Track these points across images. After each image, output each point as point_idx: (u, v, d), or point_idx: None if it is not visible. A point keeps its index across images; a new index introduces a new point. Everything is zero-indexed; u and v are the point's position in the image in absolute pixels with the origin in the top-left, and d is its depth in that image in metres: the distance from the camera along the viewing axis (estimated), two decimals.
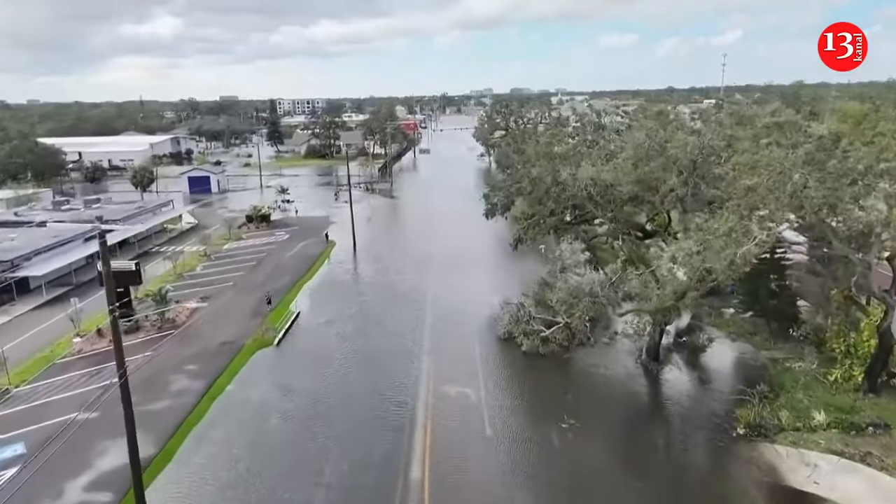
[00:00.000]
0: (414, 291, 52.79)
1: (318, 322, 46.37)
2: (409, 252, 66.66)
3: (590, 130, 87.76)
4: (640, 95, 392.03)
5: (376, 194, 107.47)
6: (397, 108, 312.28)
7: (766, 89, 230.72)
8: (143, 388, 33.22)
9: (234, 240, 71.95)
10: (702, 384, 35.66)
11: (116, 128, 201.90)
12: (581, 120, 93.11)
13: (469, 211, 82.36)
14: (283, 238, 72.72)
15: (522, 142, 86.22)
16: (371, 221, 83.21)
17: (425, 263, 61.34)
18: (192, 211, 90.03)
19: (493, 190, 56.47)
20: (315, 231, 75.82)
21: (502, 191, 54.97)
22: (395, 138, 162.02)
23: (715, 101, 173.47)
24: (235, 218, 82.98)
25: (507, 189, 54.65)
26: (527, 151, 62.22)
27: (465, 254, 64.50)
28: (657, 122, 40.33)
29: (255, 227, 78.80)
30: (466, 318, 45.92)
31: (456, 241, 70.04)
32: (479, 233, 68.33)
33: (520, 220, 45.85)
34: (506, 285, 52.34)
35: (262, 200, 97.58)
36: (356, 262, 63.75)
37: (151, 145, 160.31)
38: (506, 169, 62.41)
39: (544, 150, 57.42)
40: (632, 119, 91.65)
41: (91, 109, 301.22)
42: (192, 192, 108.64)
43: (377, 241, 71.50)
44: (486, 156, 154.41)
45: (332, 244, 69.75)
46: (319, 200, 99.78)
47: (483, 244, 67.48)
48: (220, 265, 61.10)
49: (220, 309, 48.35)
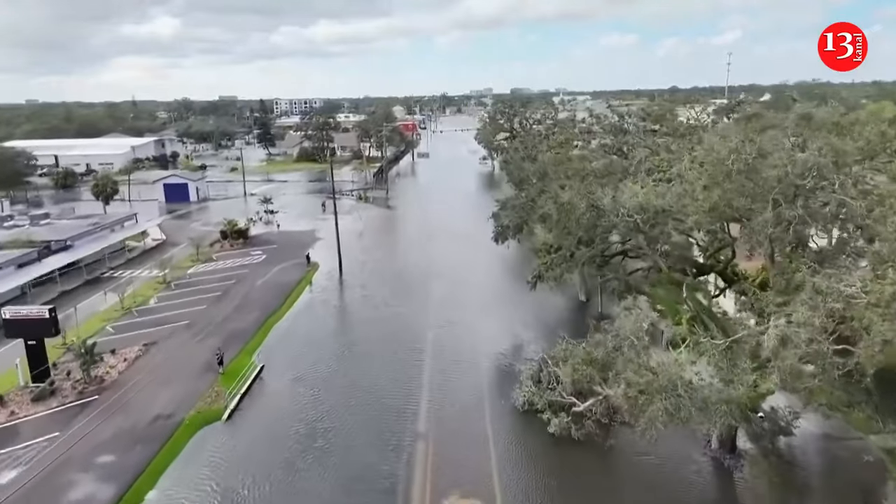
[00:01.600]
0: (409, 334, 43.21)
1: (285, 380, 36.77)
2: (405, 279, 57.05)
3: (611, 134, 78.35)
4: (643, 95, 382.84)
5: (370, 203, 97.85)
6: (396, 109, 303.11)
7: (779, 88, 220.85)
8: (29, 498, 23.69)
9: (203, 261, 62.32)
10: (799, 493, 26.11)
11: (101, 129, 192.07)
12: (601, 122, 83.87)
13: (474, 225, 73.04)
14: (258, 259, 63.06)
15: (532, 147, 76.80)
16: (362, 238, 73.61)
17: (424, 294, 51.75)
18: (162, 224, 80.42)
19: (503, 209, 46.94)
20: (297, 250, 66.19)
21: (514, 210, 45.45)
22: (391, 141, 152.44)
23: (731, 100, 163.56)
24: (210, 233, 73.47)
25: (519, 209, 45.14)
26: (540, 160, 52.82)
27: (471, 282, 54.87)
28: (744, 128, 30.67)
29: (229, 244, 69.18)
30: (474, 376, 36.38)
31: (460, 264, 60.43)
32: (487, 254, 58.83)
33: (540, 254, 36.16)
34: (521, 327, 42.78)
35: (245, 210, 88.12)
36: (341, 293, 54.16)
37: (133, 148, 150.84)
38: (518, 184, 52.57)
39: (560, 159, 48.09)
40: (655, 122, 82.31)
41: (81, 109, 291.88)
42: (169, 201, 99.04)
43: (368, 265, 61.87)
44: (488, 159, 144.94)
45: (315, 267, 60.12)
46: (307, 210, 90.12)
47: (491, 269, 57.93)
48: (179, 296, 51.49)
49: (166, 361, 38.74)
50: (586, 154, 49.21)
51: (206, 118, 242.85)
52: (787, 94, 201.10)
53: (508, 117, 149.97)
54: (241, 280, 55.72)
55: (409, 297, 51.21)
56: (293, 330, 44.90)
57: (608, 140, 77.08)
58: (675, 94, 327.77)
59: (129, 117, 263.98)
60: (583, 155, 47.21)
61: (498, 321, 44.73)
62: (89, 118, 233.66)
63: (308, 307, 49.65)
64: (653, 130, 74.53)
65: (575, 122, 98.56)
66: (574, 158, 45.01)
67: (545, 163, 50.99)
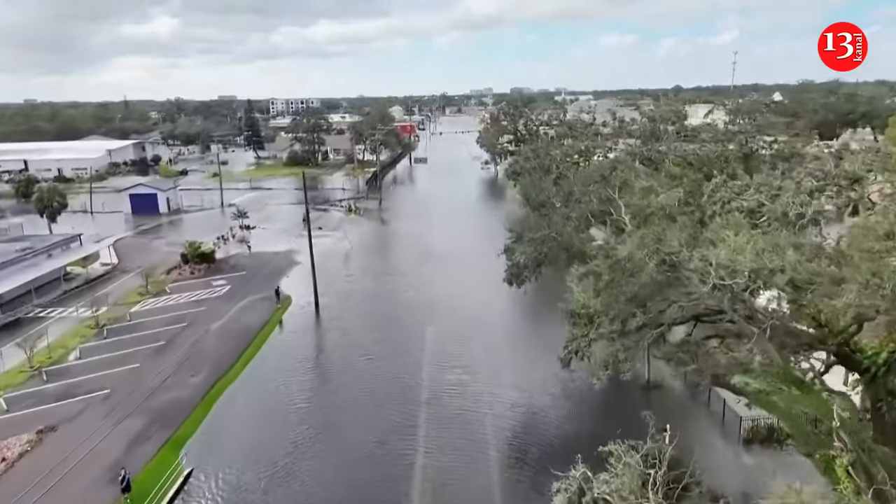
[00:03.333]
0: (397, 408, 32.75)
1: (221, 491, 26.33)
2: (397, 321, 46.55)
3: (640, 139, 67.66)
4: (646, 95, 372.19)
5: (361, 216, 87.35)
6: (394, 109, 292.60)
7: (802, 87, 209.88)
8: None
9: (153, 295, 51.82)
10: None
11: (81, 131, 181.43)
12: (627, 126, 73.17)
13: (479, 245, 62.72)
14: (220, 291, 52.54)
15: (545, 155, 66.32)
16: (348, 262, 63.10)
17: (418, 344, 41.25)
18: (118, 244, 69.90)
19: (517, 241, 36.42)
20: (269, 278, 55.75)
21: (533, 245, 34.94)
22: (387, 144, 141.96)
23: (746, 100, 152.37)
24: (172, 255, 63.09)
25: (539, 243, 34.66)
26: (563, 175, 42.42)
27: (478, 328, 44.27)
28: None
29: (190, 270, 58.66)
30: (482, 486, 25.97)
31: (464, 302, 49.84)
32: (495, 288, 48.32)
33: (578, 321, 25.44)
34: (550, 410, 32.37)
35: (221, 224, 77.63)
36: (316, 341, 43.69)
37: (109, 152, 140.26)
38: (537, 207, 41.76)
39: (590, 176, 37.65)
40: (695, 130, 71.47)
41: (69, 109, 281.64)
42: (136, 214, 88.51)
43: (352, 299, 51.39)
44: (491, 164, 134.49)
45: (287, 303, 49.65)
46: (289, 225, 79.45)
47: (502, 309, 47.37)
48: (110, 347, 40.98)
49: (61, 461, 28.26)
50: (620, 165, 38.68)
51: (193, 119, 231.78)
52: (808, 92, 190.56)
53: (513, 119, 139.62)
54: (193, 323, 45.19)
55: (401, 349, 40.68)
56: (245, 402, 34.40)
57: (632, 145, 66.71)
58: (680, 94, 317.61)
59: (118, 118, 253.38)
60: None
61: (515, 393, 34.23)
62: (75, 119, 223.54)
63: (269, 364, 39.07)
64: (684, 135, 63.99)
65: (592, 124, 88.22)
66: (619, 178, 34.45)
67: (571, 179, 40.56)
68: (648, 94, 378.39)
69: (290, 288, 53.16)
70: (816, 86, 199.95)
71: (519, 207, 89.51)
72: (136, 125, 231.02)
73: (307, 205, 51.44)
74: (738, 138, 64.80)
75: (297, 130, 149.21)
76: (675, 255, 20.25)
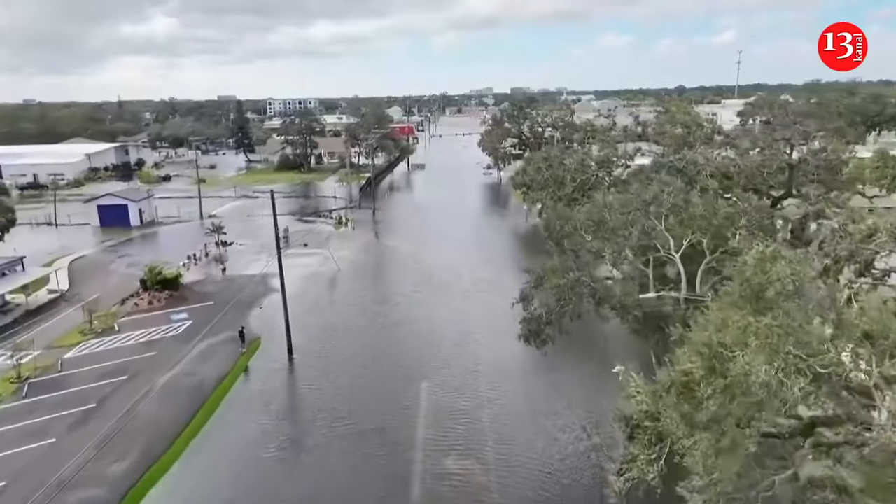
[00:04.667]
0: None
1: None
2: (387, 375, 38.28)
3: (671, 147, 59.25)
4: (649, 94, 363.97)
5: (352, 229, 79.11)
6: (393, 110, 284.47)
7: (812, 88, 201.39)
8: None
9: (98, 333, 43.57)
10: None
11: (64, 133, 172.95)
12: (654, 129, 65.01)
13: (484, 266, 54.65)
14: (178, 329, 44.27)
15: (559, 165, 58.07)
16: (333, 289, 54.86)
17: (412, 412, 33.02)
18: (75, 265, 61.72)
19: (537, 285, 28.16)
20: (239, 309, 47.42)
21: (556, 293, 26.70)
22: (383, 147, 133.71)
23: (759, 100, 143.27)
24: (135, 277, 54.90)
25: (567, 290, 26.45)
26: (593, 200, 34.32)
27: (485, 385, 36.01)
28: None
29: (148, 300, 50.41)
30: None
31: (468, 343, 41.65)
32: (500, 321, 40.20)
33: (640, 435, 16.73)
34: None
35: (199, 239, 69.30)
36: (286, 403, 35.34)
37: (88, 156, 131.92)
38: (563, 240, 33.14)
39: (629, 202, 29.72)
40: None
41: (57, 110, 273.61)
42: (105, 226, 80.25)
43: (335, 339, 43.08)
44: (493, 169, 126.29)
45: (255, 346, 41.41)
46: (271, 241, 70.93)
47: (512, 353, 39.14)
48: (23, 413, 32.69)
49: None
50: (667, 188, 30.44)
51: (184, 120, 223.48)
52: (821, 92, 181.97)
53: (517, 121, 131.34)
54: (136, 374, 36.93)
55: (389, 416, 32.45)
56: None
57: (657, 153, 58.39)
58: (685, 94, 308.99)
59: (107, 119, 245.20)
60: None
61: (542, 470, 26.04)
62: (64, 120, 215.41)
63: (220, 443, 30.79)
64: (722, 141, 55.61)
65: (612, 129, 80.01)
66: (666, 203, 26.24)
67: (600, 202, 32.45)
68: (650, 94, 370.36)
69: (263, 323, 44.94)
70: (829, 85, 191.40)
71: (524, 219, 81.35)
72: (128, 126, 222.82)
73: (277, 228, 42.78)
74: (777, 145, 56.54)
75: (287, 133, 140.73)
76: (823, 363, 12.09)
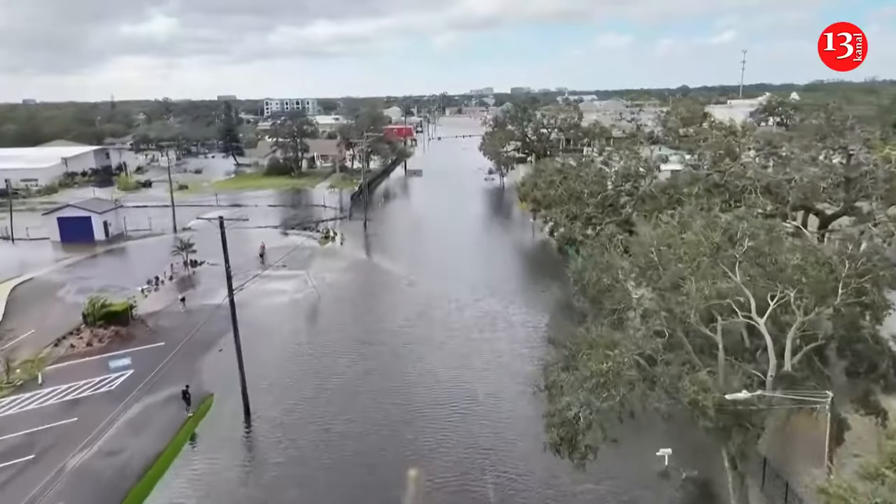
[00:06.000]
0: None
1: None
2: (370, 450, 30.55)
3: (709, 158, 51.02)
4: (651, 95, 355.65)
5: (340, 244, 71.35)
6: (392, 110, 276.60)
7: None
8: None
9: (18, 384, 35.72)
10: None
11: (45, 135, 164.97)
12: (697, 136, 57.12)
13: (490, 304, 46.98)
14: (114, 382, 36.36)
15: (576, 177, 50.30)
16: (312, 322, 47.12)
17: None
18: (18, 291, 54.01)
19: (566, 366, 20.32)
20: (194, 353, 39.61)
21: (595, 385, 18.83)
22: (378, 151, 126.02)
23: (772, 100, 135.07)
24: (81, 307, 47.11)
25: (608, 377, 18.59)
26: (635, 237, 26.61)
27: (497, 474, 28.28)
28: None
29: (88, 339, 42.60)
30: None
31: (468, 409, 33.90)
32: (517, 387, 32.50)
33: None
34: None
35: (169, 256, 61.50)
36: (235, 499, 27.57)
37: (65, 160, 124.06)
38: (601, 295, 24.94)
39: (704, 248, 22.09)
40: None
41: (47, 111, 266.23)
42: (66, 241, 72.57)
43: (304, 397, 35.30)
44: (495, 174, 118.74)
45: (206, 405, 33.62)
46: (247, 259, 63.15)
47: (529, 429, 31.33)
48: None
49: None
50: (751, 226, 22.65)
51: (176, 121, 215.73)
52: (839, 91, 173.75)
53: (520, 123, 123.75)
54: (46, 452, 29.07)
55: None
56: None
57: (690, 163, 50.55)
58: (689, 94, 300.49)
59: (97, 120, 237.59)
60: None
61: None
62: (50, 121, 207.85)
63: None
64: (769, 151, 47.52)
65: (635, 134, 72.14)
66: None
67: (648, 239, 24.72)
68: (652, 94, 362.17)
69: (220, 372, 37.03)
70: (835, 85, 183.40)
71: (531, 233, 73.62)
72: (117, 128, 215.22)
73: (228, 266, 34.81)
74: (829, 154, 48.67)
75: (277, 135, 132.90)
76: None
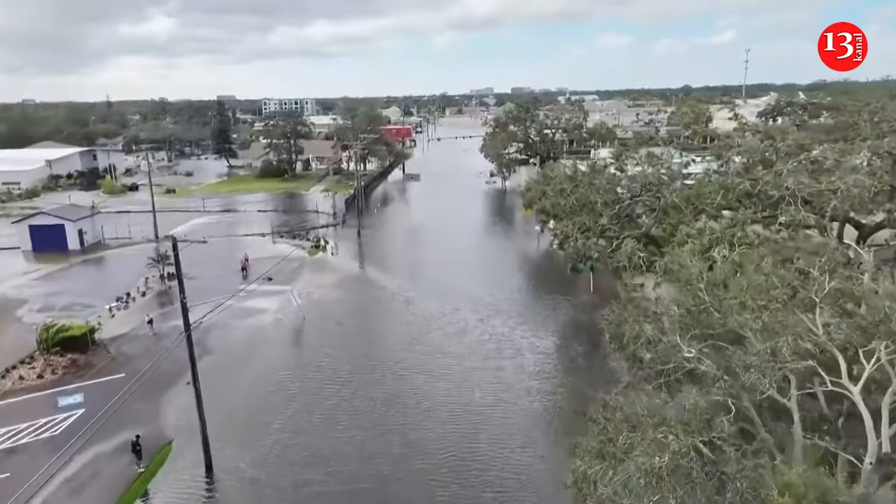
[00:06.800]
0: None
1: None
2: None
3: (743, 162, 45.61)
4: (653, 94, 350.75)
5: (331, 254, 66.36)
6: (391, 110, 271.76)
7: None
8: None
9: None
10: None
11: (31, 136, 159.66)
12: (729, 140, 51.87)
13: (494, 326, 41.93)
14: (59, 425, 31.31)
15: (589, 185, 45.29)
16: (293, 351, 42.06)
17: None
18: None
19: (591, 485, 15.26)
20: (156, 388, 34.65)
21: (640, 474, 13.77)
22: (375, 153, 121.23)
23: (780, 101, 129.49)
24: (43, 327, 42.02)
25: (661, 472, 13.49)
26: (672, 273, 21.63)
27: None
28: None
29: (41, 369, 37.61)
30: None
31: (474, 465, 28.92)
32: (531, 434, 27.47)
33: None
34: None
35: (148, 268, 56.41)
36: None
37: (48, 162, 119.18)
38: (635, 352, 20.00)
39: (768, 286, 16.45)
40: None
41: (42, 111, 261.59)
42: (38, 251, 67.60)
43: (275, 449, 30.30)
44: (496, 177, 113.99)
45: (162, 456, 28.61)
46: (228, 272, 58.21)
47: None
48: None
49: None
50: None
51: (171, 122, 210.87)
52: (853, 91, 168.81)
53: (523, 124, 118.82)
54: None
55: None
56: None
57: (719, 171, 45.36)
58: (692, 94, 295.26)
59: (91, 120, 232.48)
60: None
61: None
62: (41, 121, 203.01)
63: None
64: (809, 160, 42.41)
65: (653, 138, 67.07)
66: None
67: (695, 278, 19.72)
68: (654, 94, 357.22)
69: (183, 413, 32.04)
70: (841, 85, 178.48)
71: (536, 241, 68.49)
72: (111, 128, 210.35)
73: (183, 293, 29.33)
74: (872, 159, 43.52)
75: (271, 136, 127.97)
76: None
